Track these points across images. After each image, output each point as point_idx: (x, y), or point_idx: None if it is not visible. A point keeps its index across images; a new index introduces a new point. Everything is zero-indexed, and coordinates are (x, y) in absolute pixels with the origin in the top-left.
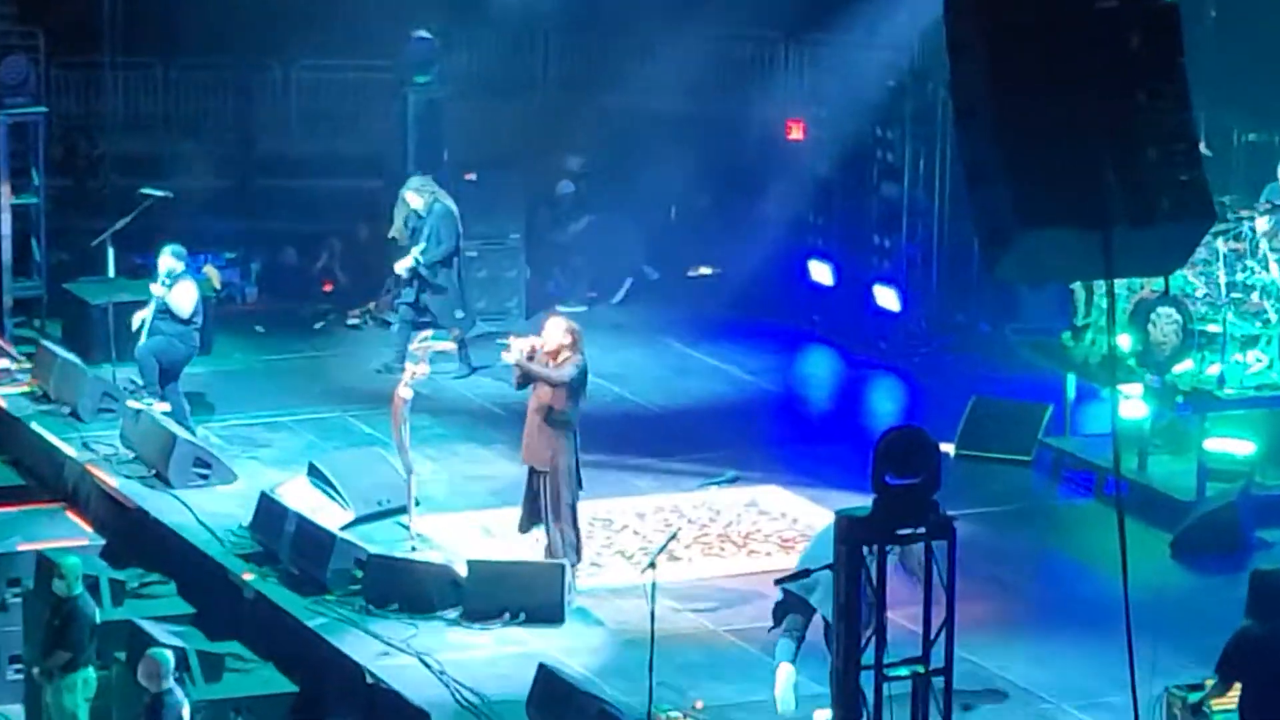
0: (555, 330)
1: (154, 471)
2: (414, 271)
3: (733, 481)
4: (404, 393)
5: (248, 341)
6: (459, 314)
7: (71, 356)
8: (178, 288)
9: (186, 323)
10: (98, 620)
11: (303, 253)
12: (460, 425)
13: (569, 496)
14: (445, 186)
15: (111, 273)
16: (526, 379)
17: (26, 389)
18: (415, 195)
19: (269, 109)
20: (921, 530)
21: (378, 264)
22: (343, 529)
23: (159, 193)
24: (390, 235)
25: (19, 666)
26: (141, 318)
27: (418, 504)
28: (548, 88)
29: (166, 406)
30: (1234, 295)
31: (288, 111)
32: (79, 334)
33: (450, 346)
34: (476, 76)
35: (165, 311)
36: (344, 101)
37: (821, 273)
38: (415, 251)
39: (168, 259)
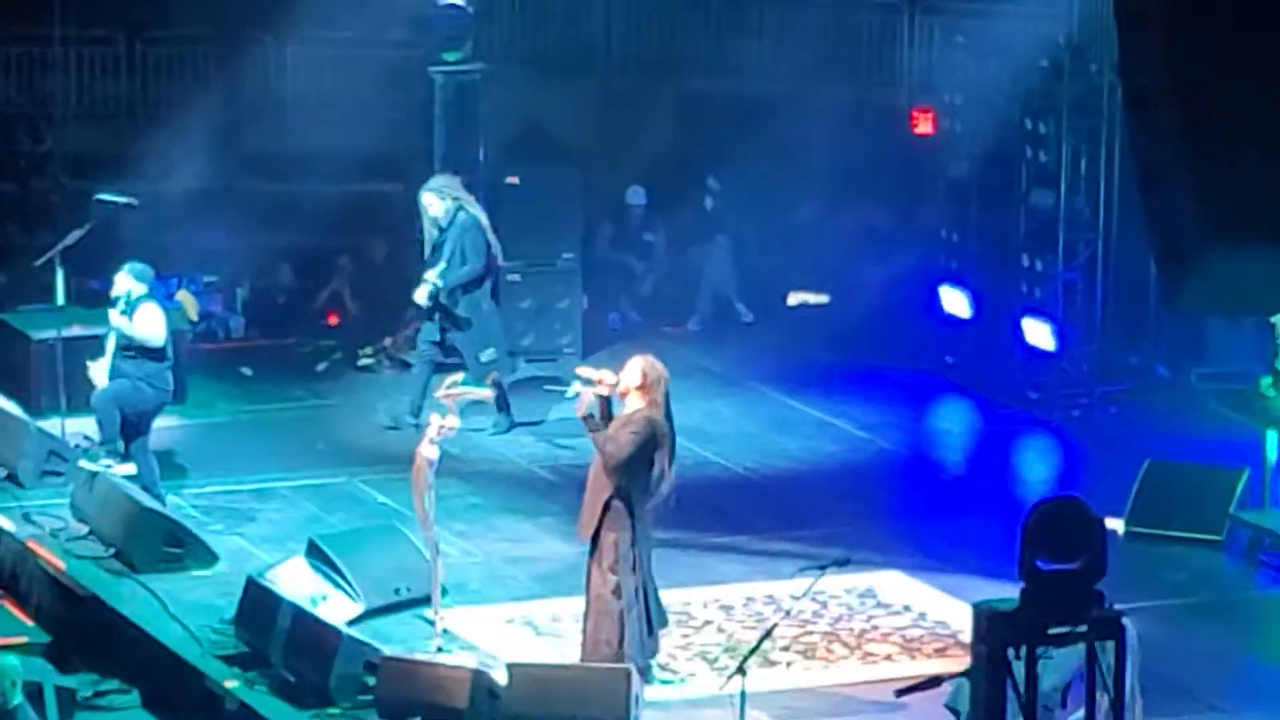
0: (631, 370)
1: (113, 551)
2: (436, 299)
3: (843, 566)
4: (428, 452)
5: (232, 387)
6: (489, 353)
7: (9, 405)
8: (141, 313)
9: (157, 359)
10: None
11: (301, 275)
12: (499, 493)
13: (618, 584)
14: (478, 192)
15: (60, 299)
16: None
17: None
18: (435, 199)
19: (259, 94)
20: (1081, 629)
21: (396, 289)
22: (350, 624)
23: (120, 199)
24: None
25: None
26: (103, 363)
27: (445, 593)
28: (610, 68)
29: (131, 468)
30: None
31: (282, 97)
32: (19, 376)
33: (486, 394)
34: (521, 54)
35: (129, 348)
36: (353, 85)
37: (956, 302)
38: (432, 274)
39: (125, 280)
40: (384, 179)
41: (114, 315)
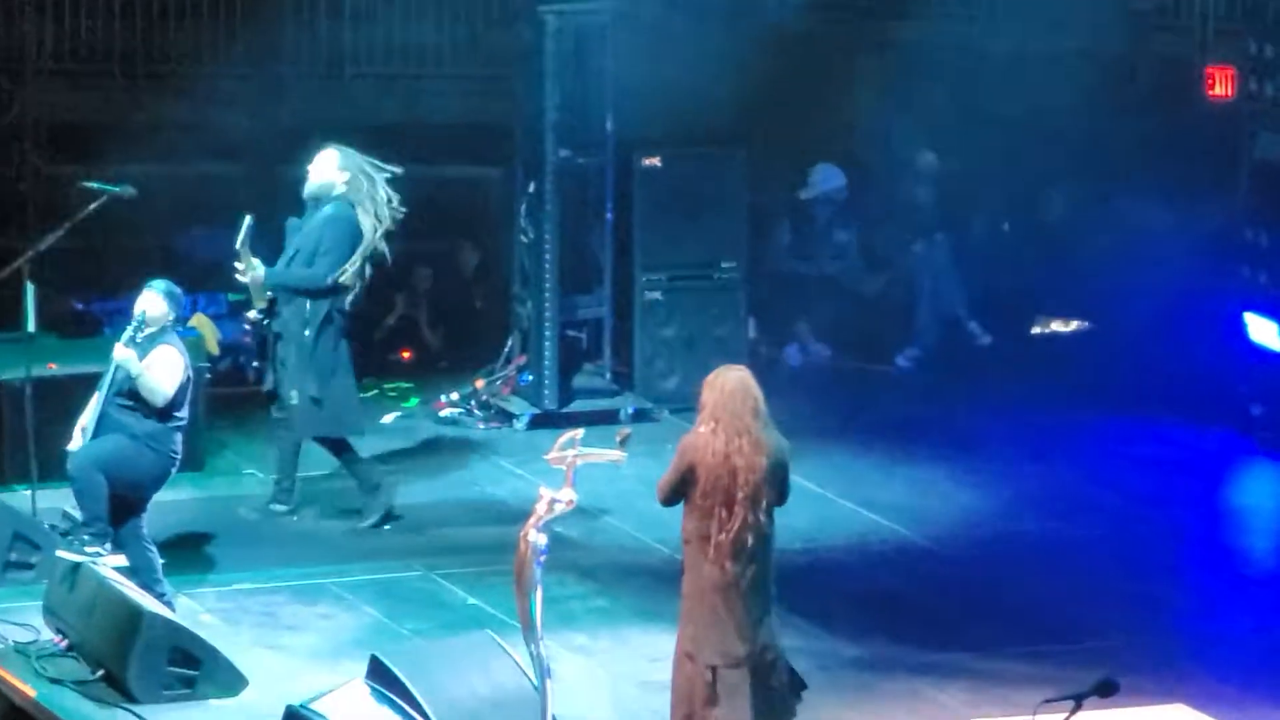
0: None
1: (101, 672)
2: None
3: (1106, 695)
4: (535, 537)
5: (265, 447)
6: (295, 396)
7: None
8: (159, 356)
9: (164, 416)
10: None
11: (363, 294)
12: (632, 593)
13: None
14: (600, 177)
15: (31, 326)
16: None
17: None
18: (328, 164)
19: (302, 43)
20: None
21: (491, 312)
22: None
23: (112, 188)
24: None
25: None
26: (87, 417)
27: None
28: (787, 7)
29: (123, 560)
30: None
31: (336, 47)
32: None
33: (618, 456)
34: None
35: (129, 394)
36: (430, 29)
37: (1266, 331)
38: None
39: (153, 301)
40: (474, 160)
41: (120, 348)
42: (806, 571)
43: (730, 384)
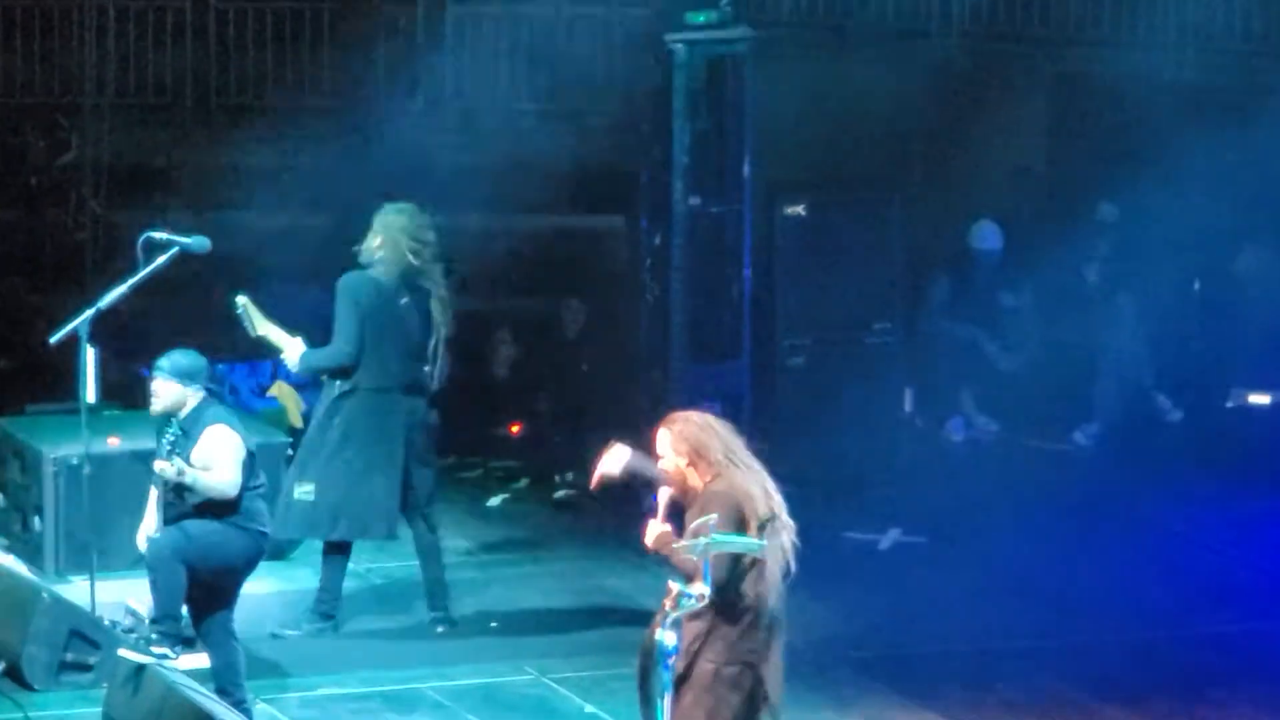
0: (661, 447)
1: None
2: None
3: None
4: (663, 636)
5: None
6: (307, 490)
7: (10, 561)
8: (203, 447)
9: (236, 503)
10: None
11: (465, 356)
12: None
13: None
14: (736, 227)
15: (90, 395)
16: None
17: None
18: (383, 234)
19: (398, 73)
20: None
21: (599, 377)
22: None
23: (182, 239)
24: None
25: None
26: (150, 522)
27: None
28: (949, 36)
29: (202, 660)
30: None
31: (437, 82)
32: (24, 515)
33: (759, 544)
34: (808, 13)
35: (180, 491)
36: (541, 58)
37: None
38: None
39: (166, 388)
40: (590, 208)
41: (161, 466)
42: (978, 677)
43: (713, 421)
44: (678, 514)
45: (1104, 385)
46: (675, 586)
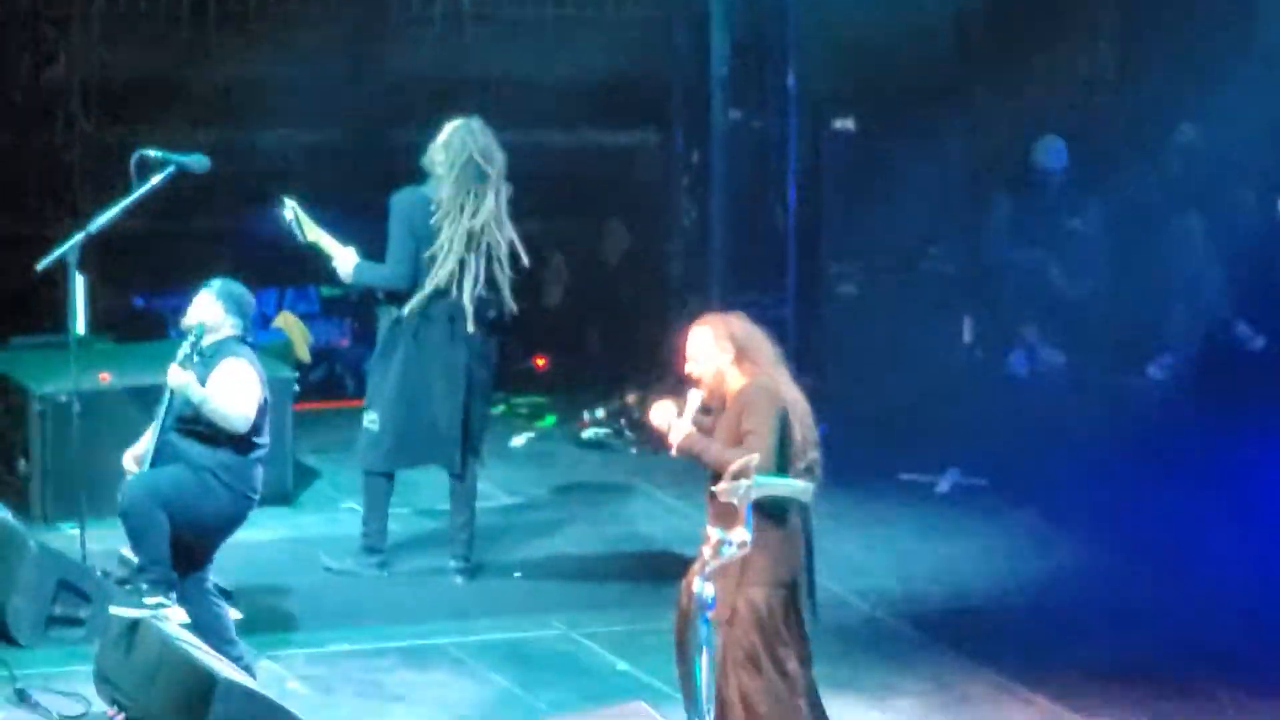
0: (701, 344)
1: None
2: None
3: None
4: (701, 588)
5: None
6: (372, 419)
7: None
8: (222, 374)
9: (240, 444)
10: None
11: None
12: (821, 657)
13: (770, 683)
14: (780, 144)
15: (80, 327)
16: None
17: None
18: (447, 145)
19: None
20: None
21: (643, 307)
22: None
23: (181, 159)
24: None
25: None
26: (144, 445)
27: None
28: None
29: (184, 615)
30: None
31: None
32: (9, 457)
33: (804, 487)
34: None
35: (194, 419)
36: None
37: None
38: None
39: (209, 306)
40: (623, 124)
41: (174, 371)
42: (1040, 633)
43: (746, 323)
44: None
45: (1178, 313)
46: (714, 534)
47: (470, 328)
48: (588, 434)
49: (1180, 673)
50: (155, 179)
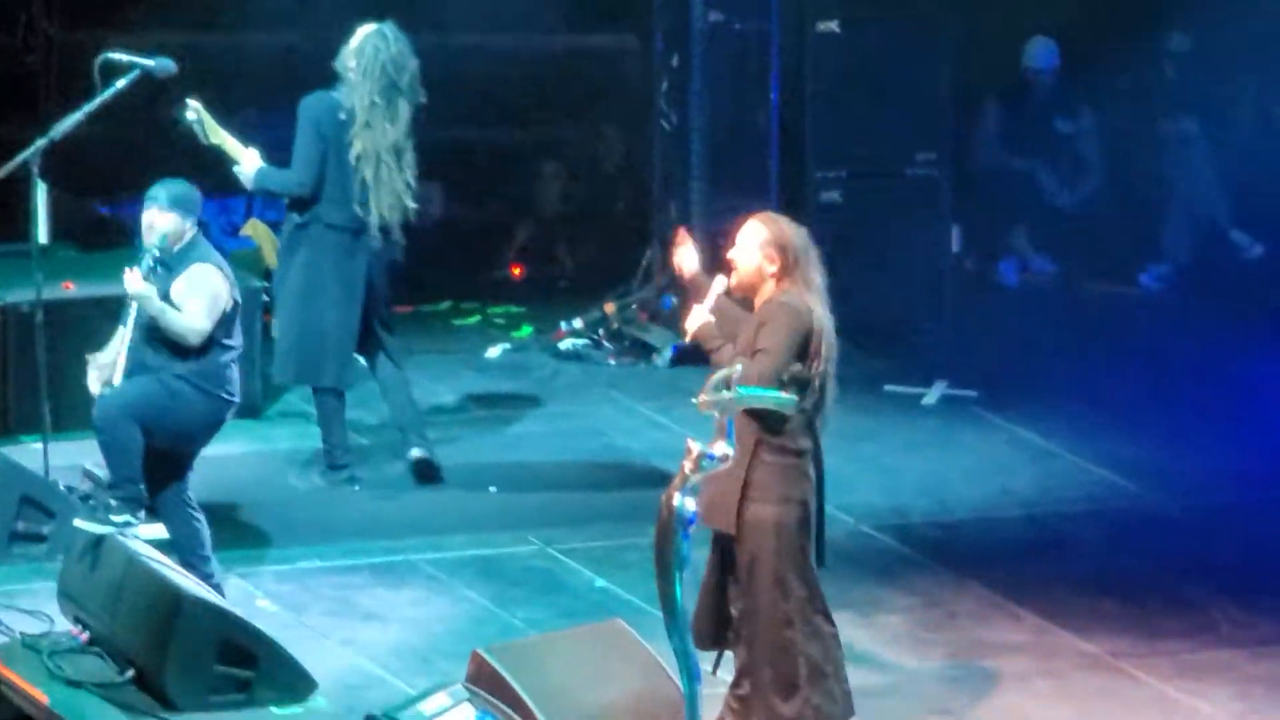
0: (750, 243)
1: (131, 672)
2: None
3: None
4: (681, 502)
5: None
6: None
7: None
8: (184, 282)
9: (210, 349)
10: None
11: (464, 194)
12: None
13: (798, 596)
14: (763, 47)
15: (42, 235)
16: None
17: None
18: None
19: None
20: None
21: (637, 216)
22: None
23: (146, 62)
24: None
25: None
26: (112, 355)
27: None
28: None
29: (162, 530)
30: None
31: None
32: None
33: (791, 400)
34: None
35: (153, 330)
36: None
37: None
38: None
39: (158, 216)
40: (601, 27)
41: (131, 277)
42: (1028, 547)
43: (803, 236)
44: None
45: (1174, 221)
46: (695, 446)
47: (375, 239)
48: (565, 345)
49: (1173, 588)
50: (120, 83)
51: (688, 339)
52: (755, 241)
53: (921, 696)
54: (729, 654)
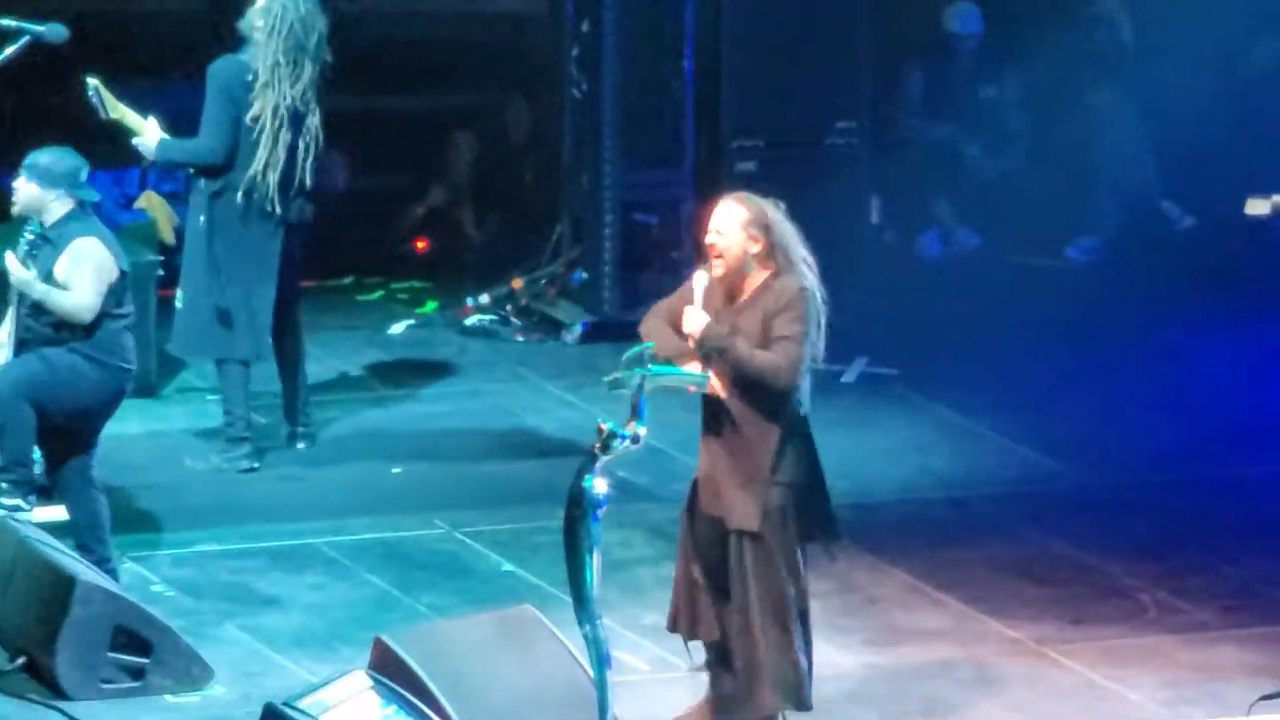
0: (730, 222)
1: (21, 659)
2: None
3: None
4: (591, 484)
5: None
6: (180, 297)
7: None
8: (69, 258)
9: (99, 320)
10: None
11: (369, 166)
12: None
13: (790, 588)
14: (677, 11)
15: None
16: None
17: None
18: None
19: None
20: None
21: (545, 189)
22: None
23: (36, 28)
24: None
25: None
26: (4, 333)
27: None
28: None
29: (60, 512)
30: None
31: None
32: None
33: (702, 378)
34: None
35: (39, 309)
36: None
37: None
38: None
39: (29, 189)
40: None
41: (11, 263)
42: (951, 529)
43: (779, 213)
44: None
45: (1102, 192)
46: (604, 426)
47: (282, 207)
48: (471, 321)
49: (1100, 571)
50: (8, 50)
51: (690, 344)
52: (736, 223)
53: (839, 686)
54: (695, 643)
